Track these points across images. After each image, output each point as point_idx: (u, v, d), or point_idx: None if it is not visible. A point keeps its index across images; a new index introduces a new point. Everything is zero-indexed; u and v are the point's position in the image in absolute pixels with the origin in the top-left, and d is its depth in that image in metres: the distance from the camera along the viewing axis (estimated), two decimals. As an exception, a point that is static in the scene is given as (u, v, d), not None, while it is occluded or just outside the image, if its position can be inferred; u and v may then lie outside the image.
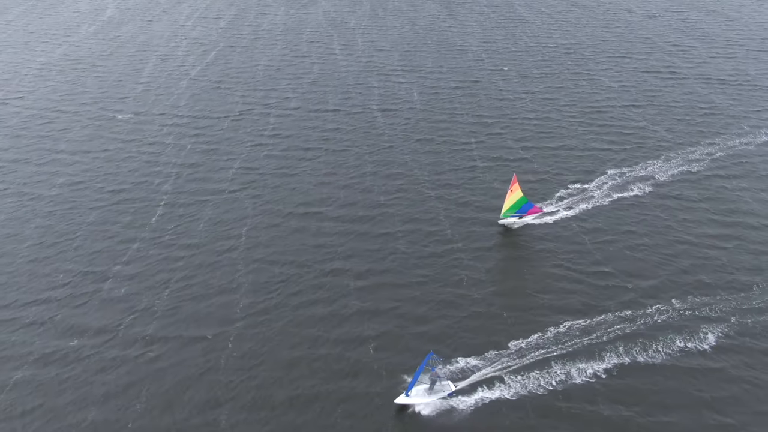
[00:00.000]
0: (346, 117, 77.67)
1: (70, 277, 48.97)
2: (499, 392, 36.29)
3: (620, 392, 36.06)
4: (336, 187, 60.69)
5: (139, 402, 37.03)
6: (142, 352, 40.89)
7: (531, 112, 77.35)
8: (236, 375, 38.56)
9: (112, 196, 61.19)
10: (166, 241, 53.31)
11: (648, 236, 51.18)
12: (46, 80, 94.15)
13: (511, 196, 51.78)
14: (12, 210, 59.26)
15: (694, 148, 66.00)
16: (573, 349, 39.23)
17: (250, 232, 53.76)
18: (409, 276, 47.02)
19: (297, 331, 41.96)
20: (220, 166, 66.29)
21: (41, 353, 41.36)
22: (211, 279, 48.00)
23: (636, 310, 42.55)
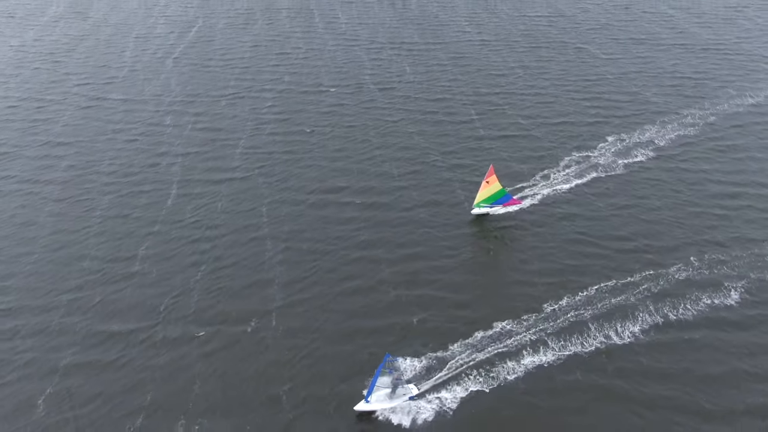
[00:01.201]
0: (345, 94, 77.70)
1: (98, 264, 48.49)
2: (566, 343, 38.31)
3: (658, 351, 38.33)
4: (349, 165, 61.06)
5: (196, 384, 37.46)
6: (189, 335, 41.10)
7: (526, 84, 78.88)
8: (289, 353, 39.27)
9: (122, 181, 60.27)
10: (188, 224, 53.10)
11: (659, 200, 53.64)
12: (25, 64, 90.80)
13: (488, 188, 50.72)
14: (21, 199, 57.91)
15: (688, 113, 68.72)
16: (606, 309, 41.35)
17: (272, 213, 53.92)
18: (437, 250, 48.27)
19: (340, 308, 42.71)
20: (226, 148, 65.85)
21: (87, 341, 41.10)
22: (242, 260, 48.24)
23: (657, 270, 44.91)
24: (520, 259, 47.23)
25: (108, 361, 39.90)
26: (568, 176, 57.58)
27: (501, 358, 38.08)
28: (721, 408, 34.43)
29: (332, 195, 56.31)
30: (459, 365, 37.67)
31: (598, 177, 57.62)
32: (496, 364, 37.74)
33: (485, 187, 50.53)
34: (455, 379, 36.82)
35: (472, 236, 50.03)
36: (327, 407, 35.53)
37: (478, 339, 39.62)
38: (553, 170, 58.83)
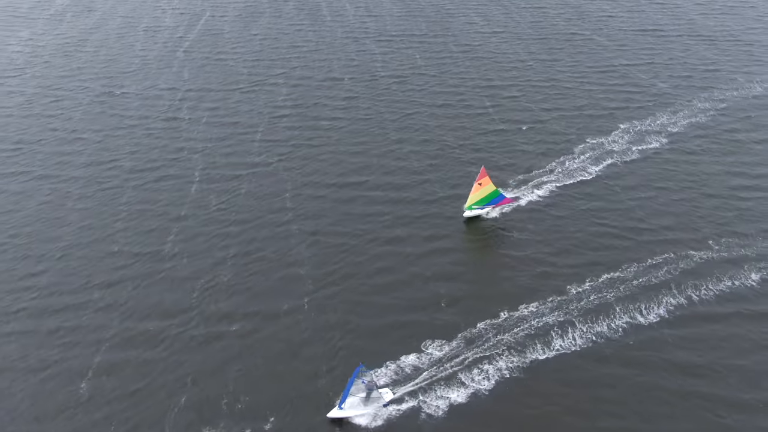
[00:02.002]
0: (359, 85, 78.90)
1: (128, 257, 49.67)
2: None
3: (682, 331, 40.05)
4: (369, 158, 62.28)
5: (237, 378, 38.44)
6: (225, 329, 42.06)
7: (538, 75, 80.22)
8: (324, 340, 40.65)
9: (144, 174, 61.43)
10: (213, 216, 54.35)
11: (675, 186, 55.37)
12: (35, 58, 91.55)
13: (481, 190, 50.55)
14: (45, 194, 58.94)
15: (698, 101, 70.31)
16: (629, 292, 43.05)
17: (296, 205, 55.17)
18: (461, 241, 49.82)
19: (372, 300, 43.94)
20: (244, 140, 67.02)
21: (122, 336, 42.09)
22: (271, 252, 49.43)
23: (678, 253, 46.64)
24: (542, 245, 48.80)
25: (147, 348, 41.15)
26: (584, 163, 59.18)
27: (530, 339, 39.67)
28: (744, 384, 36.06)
29: (355, 187, 57.56)
30: (490, 346, 39.19)
31: (613, 163, 59.31)
32: (526, 345, 39.31)
33: (477, 189, 50.45)
34: (489, 359, 38.39)
35: (494, 225, 51.46)
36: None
37: (505, 319, 41.27)
38: (569, 157, 60.51)
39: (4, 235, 53.30)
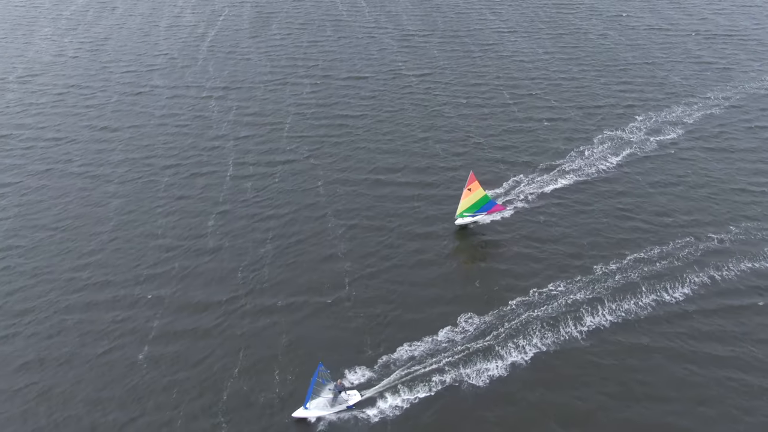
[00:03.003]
0: (381, 82, 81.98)
1: (172, 242, 52.47)
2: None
3: (707, 311, 43.13)
4: (398, 148, 65.32)
5: (287, 349, 41.39)
6: (273, 307, 44.84)
7: (556, 70, 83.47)
8: (371, 321, 43.27)
9: (179, 164, 64.31)
10: (250, 204, 57.15)
11: (693, 176, 58.57)
12: (63, 53, 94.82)
13: (470, 195, 50.69)
14: (86, 182, 61.86)
15: (712, 95, 73.57)
16: (654, 272, 46.21)
17: (330, 193, 58.04)
18: (493, 227, 52.87)
19: (411, 281, 46.81)
20: (274, 132, 70.01)
21: (174, 314, 44.89)
22: (309, 237, 52.19)
23: (699, 237, 49.85)
24: (567, 229, 51.95)
25: (199, 324, 44.05)
26: (605, 153, 62.43)
27: (562, 315, 42.82)
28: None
29: (386, 176, 60.57)
30: (523, 321, 42.35)
31: (633, 153, 62.56)
32: (558, 320, 42.44)
33: (467, 195, 50.47)
34: (522, 333, 41.52)
35: (521, 211, 54.49)
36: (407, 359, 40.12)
37: (535, 296, 44.68)
38: (590, 148, 63.61)
39: (52, 222, 56.31)
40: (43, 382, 40.27)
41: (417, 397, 37.89)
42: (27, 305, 46.58)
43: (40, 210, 58.28)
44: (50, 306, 46.45)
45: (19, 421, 37.78)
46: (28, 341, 43.47)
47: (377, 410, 37.17)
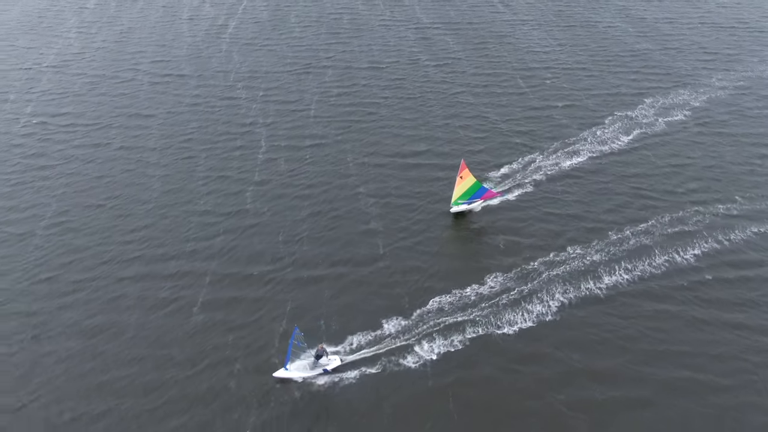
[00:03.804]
0: (401, 69, 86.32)
1: (213, 218, 56.27)
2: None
3: (718, 271, 47.59)
4: (422, 133, 69.37)
5: (330, 309, 45.46)
6: (315, 273, 48.66)
7: (569, 60, 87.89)
8: (407, 285, 47.42)
9: (214, 146, 68.61)
10: (284, 183, 61.18)
11: (702, 154, 63.07)
12: (89, 44, 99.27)
13: (462, 183, 52.98)
14: (126, 163, 66.18)
15: (719, 82, 78.11)
16: (666, 237, 50.81)
17: (360, 173, 61.99)
18: (515, 200, 57.29)
19: (443, 249, 51.16)
20: (301, 118, 74.30)
21: (223, 280, 48.96)
22: (343, 214, 55.91)
23: (707, 208, 54.47)
24: (583, 202, 56.49)
25: (247, 288, 48.13)
26: (616, 134, 67.17)
27: (582, 275, 47.39)
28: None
29: (413, 158, 64.87)
30: (545, 279, 46.92)
31: (643, 133, 67.25)
32: (579, 279, 46.99)
33: (459, 183, 52.88)
34: (545, 291, 46.10)
35: (541, 187, 58.96)
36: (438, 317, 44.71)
37: (556, 258, 49.18)
38: (602, 129, 68.28)
39: (100, 198, 60.77)
40: (113, 331, 44.76)
41: (452, 343, 42.35)
42: (87, 274, 50.84)
43: (86, 188, 62.67)
44: (109, 272, 50.88)
45: (97, 369, 42.30)
46: (93, 302, 47.82)
47: (416, 356, 41.59)
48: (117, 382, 40.93)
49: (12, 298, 48.61)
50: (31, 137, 72.17)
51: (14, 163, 67.20)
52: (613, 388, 38.71)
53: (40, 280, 50.27)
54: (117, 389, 40.37)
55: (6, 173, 65.37)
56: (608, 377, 39.52)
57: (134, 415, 38.56)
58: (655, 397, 38.11)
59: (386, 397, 38.91)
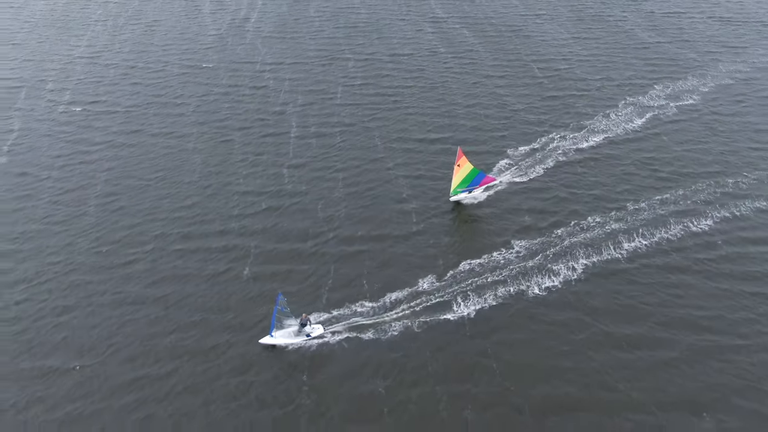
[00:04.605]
0: (421, 60, 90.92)
1: (255, 196, 60.31)
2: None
3: (730, 239, 52.11)
4: (446, 119, 73.59)
5: (371, 274, 49.79)
6: (356, 248, 52.65)
7: (581, 50, 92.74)
8: (443, 258, 51.48)
9: (247, 131, 72.82)
10: (320, 164, 65.23)
11: (716, 137, 67.78)
12: (116, 36, 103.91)
13: (460, 171, 54.82)
14: (166, 147, 70.39)
15: (728, 72, 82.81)
16: (680, 209, 55.47)
17: (390, 155, 66.21)
18: (538, 178, 61.83)
19: (474, 225, 55.58)
20: (328, 104, 78.72)
21: (267, 254, 52.83)
22: (378, 192, 59.78)
23: (720, 182, 59.20)
24: (600, 178, 61.08)
25: (292, 261, 51.82)
26: (630, 117, 72.06)
27: (602, 241, 51.96)
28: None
29: (440, 142, 69.10)
30: (569, 245, 51.52)
31: (656, 116, 72.04)
32: (600, 245, 51.54)
33: (457, 171, 54.70)
34: (569, 255, 50.67)
35: (561, 166, 63.53)
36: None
37: (577, 227, 53.76)
38: (617, 113, 72.99)
39: (145, 178, 65.01)
40: (172, 294, 49.24)
41: (486, 302, 46.84)
42: (143, 247, 54.95)
43: (130, 169, 66.98)
44: (164, 245, 54.92)
45: (161, 333, 46.81)
46: (152, 272, 51.80)
47: (457, 313, 46.05)
48: (179, 342, 44.85)
49: (71, 268, 52.86)
50: (72, 123, 76.62)
51: (59, 146, 71.60)
52: (640, 348, 42.56)
53: (100, 252, 54.53)
54: (180, 350, 44.27)
55: (53, 156, 69.80)
56: (635, 338, 43.38)
57: (196, 374, 42.46)
58: (680, 356, 41.86)
59: (428, 352, 43.06)
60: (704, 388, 39.75)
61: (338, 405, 39.31)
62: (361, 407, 39.19)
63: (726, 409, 38.33)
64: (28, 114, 79.02)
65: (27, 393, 41.32)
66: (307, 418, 38.53)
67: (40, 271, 52.13)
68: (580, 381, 40.36)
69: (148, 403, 40.10)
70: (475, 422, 37.83)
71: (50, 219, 58.85)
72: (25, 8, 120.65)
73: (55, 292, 49.73)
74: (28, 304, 48.68)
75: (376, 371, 41.63)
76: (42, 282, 50.86)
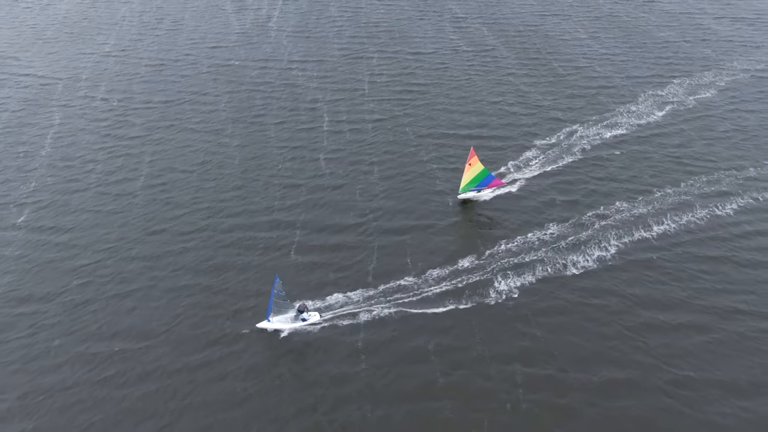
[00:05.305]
0: (445, 57, 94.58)
1: (295, 185, 63.92)
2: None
3: (754, 222, 55.97)
4: (474, 113, 77.19)
5: (414, 254, 53.38)
6: (397, 228, 56.50)
7: (599, 47, 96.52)
8: (478, 239, 55.67)
9: (282, 125, 76.38)
10: (355, 154, 68.88)
11: (736, 131, 71.55)
12: (145, 32, 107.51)
13: (470, 170, 56.78)
14: (204, 139, 73.92)
15: (742, 68, 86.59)
16: (705, 194, 59.15)
17: (423, 145, 70.00)
18: (566, 168, 65.41)
19: (506, 214, 58.79)
20: (357, 100, 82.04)
21: (311, 235, 56.37)
22: (416, 183, 63.28)
23: (743, 172, 62.87)
24: (626, 168, 64.66)
25: (333, 240, 55.53)
26: (650, 109, 76.09)
27: (633, 224, 55.49)
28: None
29: (469, 132, 72.80)
30: (600, 227, 55.02)
31: (675, 110, 75.68)
32: (630, 228, 55.05)
33: (468, 170, 56.85)
34: (601, 237, 54.14)
35: (588, 158, 67.04)
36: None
37: (607, 211, 57.28)
38: (635, 105, 77.02)
39: (187, 164, 68.55)
40: (230, 272, 52.63)
41: (524, 278, 50.33)
42: (194, 227, 58.58)
43: (172, 157, 70.63)
44: (214, 224, 58.64)
45: (222, 304, 50.16)
46: (205, 249, 55.43)
47: (499, 289, 49.55)
48: (241, 313, 48.31)
49: (132, 246, 56.31)
50: (110, 118, 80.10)
51: (100, 139, 75.07)
52: (676, 318, 46.12)
53: (154, 231, 58.06)
54: (244, 318, 47.86)
55: (98, 143, 73.38)
56: (670, 309, 46.94)
57: (261, 350, 46.13)
58: (715, 326, 45.32)
59: (474, 322, 46.59)
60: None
61: (393, 373, 42.57)
62: (416, 374, 42.43)
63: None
64: (67, 108, 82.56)
65: (99, 369, 44.69)
66: (365, 383, 41.77)
67: (99, 259, 55.20)
68: (624, 356, 43.17)
69: (227, 378, 43.03)
70: (526, 384, 41.13)
71: (101, 207, 62.02)
72: (49, 7, 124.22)
73: (115, 277, 52.75)
74: (90, 287, 51.90)
75: (427, 341, 45.00)
76: (102, 265, 54.05)
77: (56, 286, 51.57)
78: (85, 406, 41.14)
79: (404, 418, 39.19)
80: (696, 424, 38.13)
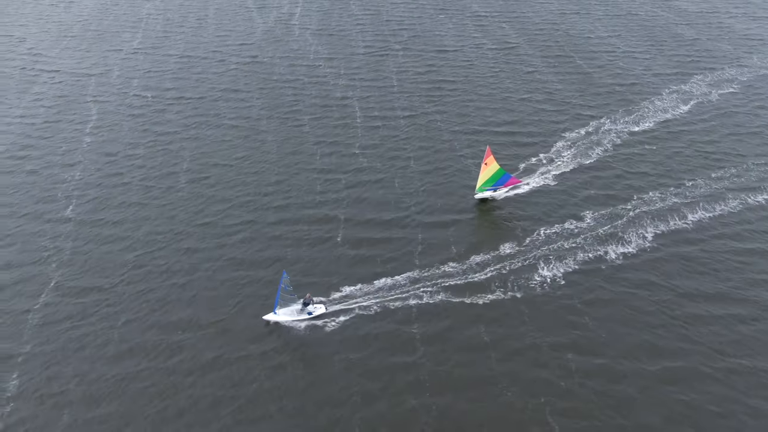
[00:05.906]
0: (469, 54, 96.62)
1: (333, 175, 65.94)
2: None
3: None
4: (505, 110, 78.94)
5: (455, 239, 55.66)
6: (440, 227, 57.36)
7: (621, 44, 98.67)
8: (510, 228, 58.07)
9: (316, 119, 78.30)
10: (390, 147, 70.94)
11: (753, 120, 73.63)
12: (170, 29, 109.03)
13: (486, 169, 57.38)
14: (241, 132, 75.67)
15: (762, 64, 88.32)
16: (737, 186, 60.81)
17: (454, 139, 72.11)
18: (594, 160, 67.04)
19: (533, 199, 61.12)
20: (387, 94, 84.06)
21: (356, 226, 58.29)
22: (453, 178, 64.92)
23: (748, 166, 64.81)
24: (656, 162, 66.65)
25: (378, 232, 57.24)
26: (675, 104, 78.13)
27: (668, 215, 57.36)
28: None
29: (501, 127, 74.74)
30: (633, 216, 56.73)
31: (699, 103, 77.73)
32: (666, 217, 56.81)
33: (484, 169, 57.54)
34: (636, 226, 55.80)
35: (619, 151, 68.68)
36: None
37: (639, 202, 59.15)
38: (659, 100, 79.39)
39: (227, 158, 70.26)
40: (279, 264, 54.22)
41: (567, 266, 52.11)
42: (240, 219, 60.16)
43: (211, 151, 72.31)
44: (260, 217, 60.29)
45: (274, 284, 51.59)
46: (255, 241, 57.19)
47: (542, 274, 51.43)
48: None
49: (180, 238, 57.73)
50: (148, 108, 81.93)
51: (141, 129, 76.80)
52: (719, 308, 47.83)
53: (201, 224, 59.59)
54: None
55: (136, 138, 74.82)
56: (713, 299, 48.70)
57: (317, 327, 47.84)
58: (760, 316, 47.06)
59: (525, 311, 48.33)
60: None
61: (452, 360, 44.16)
62: (470, 357, 44.32)
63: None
64: (103, 102, 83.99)
65: (166, 343, 46.33)
66: (428, 369, 43.27)
67: (152, 249, 56.76)
68: (673, 345, 44.78)
69: (287, 368, 44.58)
70: (581, 372, 42.63)
71: (148, 201, 63.43)
72: (73, 5, 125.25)
73: (171, 266, 54.30)
74: (148, 277, 53.39)
75: (481, 330, 46.56)
76: (155, 256, 55.47)
77: (114, 276, 53.15)
78: (155, 392, 42.51)
79: (465, 406, 40.69)
80: (750, 410, 39.56)
